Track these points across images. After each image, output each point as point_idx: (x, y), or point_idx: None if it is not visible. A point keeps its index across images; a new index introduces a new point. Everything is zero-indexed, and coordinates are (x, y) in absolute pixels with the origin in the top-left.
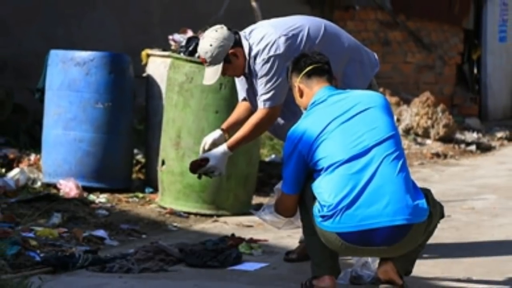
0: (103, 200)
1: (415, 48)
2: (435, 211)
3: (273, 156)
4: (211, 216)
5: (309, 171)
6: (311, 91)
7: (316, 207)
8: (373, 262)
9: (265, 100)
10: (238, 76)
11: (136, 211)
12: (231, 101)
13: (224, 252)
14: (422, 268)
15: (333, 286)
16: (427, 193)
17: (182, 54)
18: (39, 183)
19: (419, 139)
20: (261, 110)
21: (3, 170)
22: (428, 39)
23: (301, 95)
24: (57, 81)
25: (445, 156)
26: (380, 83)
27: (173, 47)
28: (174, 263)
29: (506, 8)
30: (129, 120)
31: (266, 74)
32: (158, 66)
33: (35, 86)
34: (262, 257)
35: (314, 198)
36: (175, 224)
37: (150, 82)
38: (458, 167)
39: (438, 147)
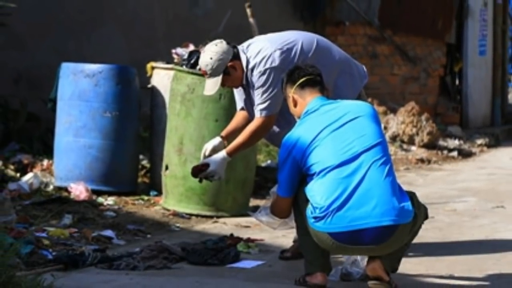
0: (110, 202)
1: (401, 61)
2: (420, 213)
3: (269, 161)
4: (211, 217)
5: (302, 175)
6: (304, 101)
7: (309, 209)
8: (362, 260)
9: (261, 110)
10: (237, 87)
11: (142, 212)
12: (230, 110)
13: (223, 250)
14: (408, 265)
15: (324, 282)
16: (412, 196)
17: (184, 66)
18: (51, 187)
19: (404, 146)
20: (258, 118)
21: (18, 175)
22: (413, 53)
23: (295, 105)
24: (68, 91)
25: (429, 161)
26: (369, 93)
27: (176, 60)
28: (177, 261)
29: (486, 24)
30: (135, 128)
31: (262, 85)
32: (162, 78)
33: (47, 97)
34: (259, 256)
35: (307, 201)
36: (177, 224)
37: (154, 93)
38: (441, 172)
39: (422, 153)
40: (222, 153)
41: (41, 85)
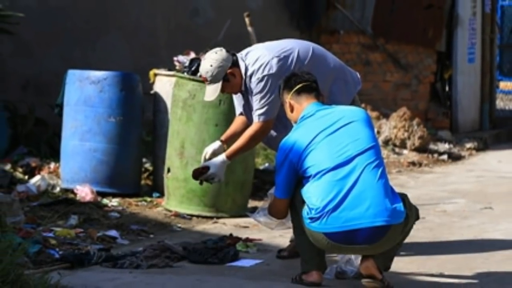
0: (115, 203)
1: (393, 68)
2: (411, 214)
3: (266, 164)
4: (211, 218)
5: (299, 177)
6: (301, 107)
7: (305, 210)
8: (356, 259)
9: (259, 115)
10: (236, 93)
11: (145, 213)
12: (229, 115)
13: (223, 250)
14: (400, 264)
15: (320, 280)
16: (404, 198)
17: (185, 73)
18: (58, 189)
19: (396, 149)
20: (256, 123)
21: (26, 177)
22: (405, 60)
23: (292, 110)
24: (74, 97)
25: (420, 164)
26: (362, 99)
27: (177, 67)
28: (179, 260)
29: (474, 33)
30: (138, 132)
31: (260, 92)
32: (164, 84)
33: (54, 102)
34: (257, 255)
35: (303, 202)
36: (179, 225)
37: (157, 99)
38: (432, 174)
39: (414, 156)
40: (222, 157)
41: (48, 91)
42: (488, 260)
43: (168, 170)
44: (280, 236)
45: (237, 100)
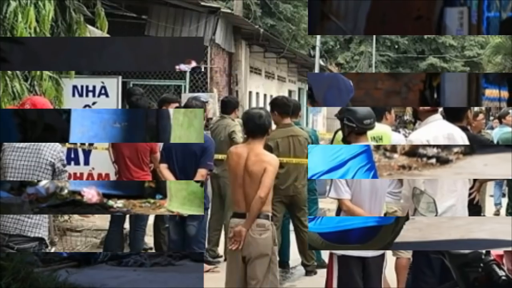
0: (120, 205)
1: (384, 76)
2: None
3: None
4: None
5: None
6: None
7: None
8: None
9: None
10: None
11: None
12: None
13: None
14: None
15: None
16: None
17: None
18: (66, 191)
19: (387, 154)
20: None
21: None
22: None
23: None
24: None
25: (410, 167)
26: (355, 106)
27: None
28: (180, 259)
29: None
30: (142, 137)
31: None
32: None
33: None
34: None
35: None
36: None
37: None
38: (421, 177)
39: (404, 160)
40: None
41: None
42: None
43: None
44: None
45: None
